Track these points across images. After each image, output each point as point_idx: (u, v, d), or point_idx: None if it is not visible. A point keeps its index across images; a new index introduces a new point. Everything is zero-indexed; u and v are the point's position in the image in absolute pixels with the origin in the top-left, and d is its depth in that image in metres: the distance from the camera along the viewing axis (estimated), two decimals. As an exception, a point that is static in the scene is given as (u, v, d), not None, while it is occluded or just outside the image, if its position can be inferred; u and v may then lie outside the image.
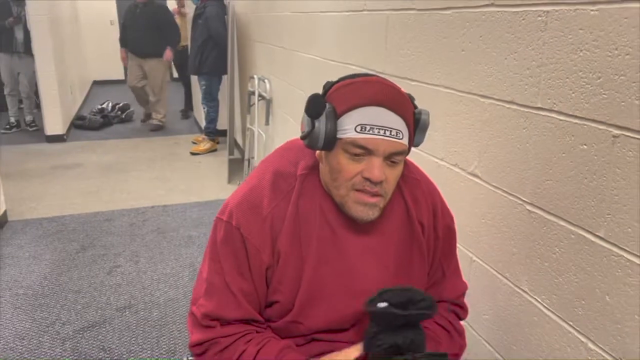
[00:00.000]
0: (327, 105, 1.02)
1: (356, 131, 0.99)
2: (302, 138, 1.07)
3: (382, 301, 0.95)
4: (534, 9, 1.23)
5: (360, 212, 1.05)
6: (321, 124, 1.01)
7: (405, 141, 1.02)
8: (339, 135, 1.01)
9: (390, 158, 1.02)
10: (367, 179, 1.01)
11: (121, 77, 8.57)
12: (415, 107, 1.08)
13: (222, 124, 5.69)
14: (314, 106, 1.02)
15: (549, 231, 1.24)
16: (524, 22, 1.26)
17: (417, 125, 1.07)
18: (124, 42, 6.63)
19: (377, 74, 2.00)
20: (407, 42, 1.82)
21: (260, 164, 1.22)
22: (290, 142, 1.26)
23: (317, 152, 1.11)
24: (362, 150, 1.00)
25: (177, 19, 7.10)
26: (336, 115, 1.01)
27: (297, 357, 1.10)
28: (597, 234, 1.09)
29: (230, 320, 1.12)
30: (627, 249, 1.03)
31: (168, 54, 6.52)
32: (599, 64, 1.05)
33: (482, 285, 1.52)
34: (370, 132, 0.99)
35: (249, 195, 1.14)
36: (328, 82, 1.09)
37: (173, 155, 5.69)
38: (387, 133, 0.99)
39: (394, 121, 1.00)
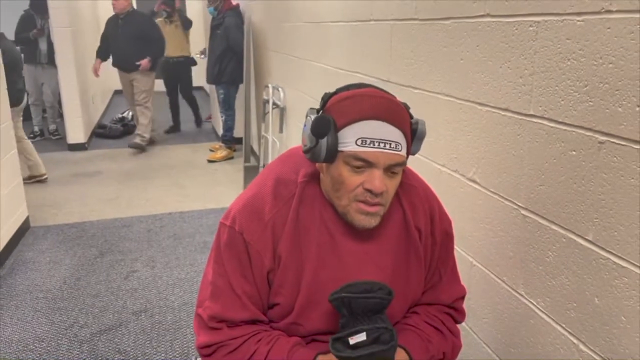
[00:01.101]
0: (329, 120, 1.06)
1: (357, 144, 1.03)
2: (305, 152, 1.10)
3: (343, 293, 1.04)
4: (526, 19, 1.26)
5: (362, 220, 1.09)
6: (323, 139, 1.05)
7: (403, 152, 1.06)
8: (340, 148, 1.05)
9: (390, 169, 1.06)
10: (369, 190, 1.05)
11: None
12: (412, 116, 1.12)
13: (238, 131, 5.78)
14: (321, 127, 1.05)
15: (542, 235, 1.27)
16: (517, 31, 1.30)
17: (414, 135, 1.11)
18: (103, 54, 6.28)
19: (383, 83, 2.06)
20: (410, 51, 1.87)
21: (263, 170, 1.27)
22: (292, 149, 1.31)
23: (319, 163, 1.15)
24: (363, 163, 1.04)
25: (167, 26, 6.68)
26: (336, 129, 1.05)
27: (307, 353, 1.14)
28: (586, 237, 1.12)
29: (237, 321, 1.17)
30: (613, 252, 1.05)
31: (145, 63, 5.98)
32: (585, 72, 1.09)
33: (482, 289, 1.55)
34: (371, 145, 1.03)
35: (251, 201, 1.18)
36: (326, 94, 1.13)
37: (190, 163, 5.79)
38: (387, 146, 1.03)
39: (393, 134, 1.04)
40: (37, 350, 2.48)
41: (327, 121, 1.05)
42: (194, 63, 7.30)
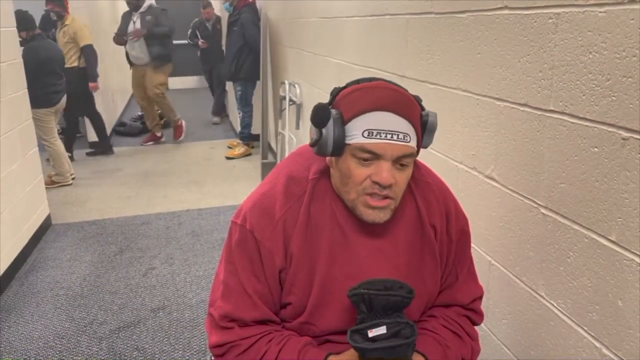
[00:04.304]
0: (334, 112, 1.04)
1: (363, 136, 1.01)
2: (312, 145, 1.09)
3: (363, 289, 1.02)
4: (545, 11, 1.22)
5: (371, 215, 1.07)
6: (329, 131, 1.03)
7: (412, 144, 1.03)
8: (347, 141, 1.04)
9: (398, 161, 1.03)
10: (376, 183, 1.03)
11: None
12: (423, 108, 1.09)
13: (256, 128, 5.79)
14: (319, 116, 1.04)
15: (563, 235, 1.23)
16: (536, 24, 1.25)
17: (424, 127, 1.08)
18: None
19: (399, 78, 2.03)
20: (426, 45, 1.83)
21: (275, 168, 1.25)
22: (303, 146, 1.29)
23: (328, 157, 1.13)
24: (370, 155, 1.02)
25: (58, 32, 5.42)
26: (343, 122, 1.03)
27: (318, 353, 1.12)
28: (609, 237, 1.08)
29: (248, 321, 1.15)
30: (637, 252, 1.01)
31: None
32: (608, 65, 1.04)
33: (501, 289, 1.51)
34: (377, 136, 1.01)
35: (262, 199, 1.17)
36: (335, 89, 1.11)
37: (209, 160, 5.81)
38: (395, 137, 1.01)
39: (401, 125, 1.02)
40: (57, 347, 2.51)
41: (324, 109, 1.04)
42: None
